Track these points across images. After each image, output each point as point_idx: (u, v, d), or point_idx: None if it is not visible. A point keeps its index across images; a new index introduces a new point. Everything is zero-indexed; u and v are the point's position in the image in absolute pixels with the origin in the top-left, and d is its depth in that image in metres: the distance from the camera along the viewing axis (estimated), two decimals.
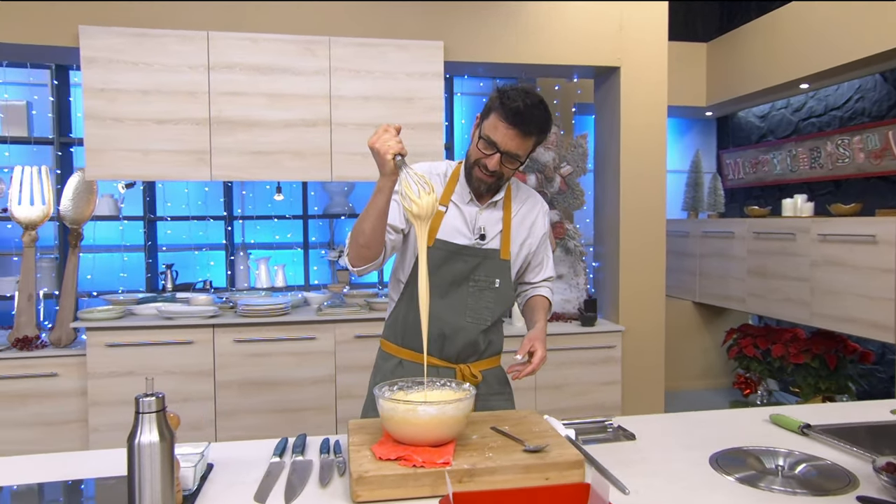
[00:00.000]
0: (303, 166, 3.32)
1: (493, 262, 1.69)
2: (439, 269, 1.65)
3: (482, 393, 1.71)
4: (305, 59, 3.29)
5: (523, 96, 1.54)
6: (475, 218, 1.69)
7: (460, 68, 3.78)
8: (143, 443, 1.02)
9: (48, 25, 3.13)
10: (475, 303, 1.68)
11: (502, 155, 1.57)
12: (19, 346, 3.15)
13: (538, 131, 1.57)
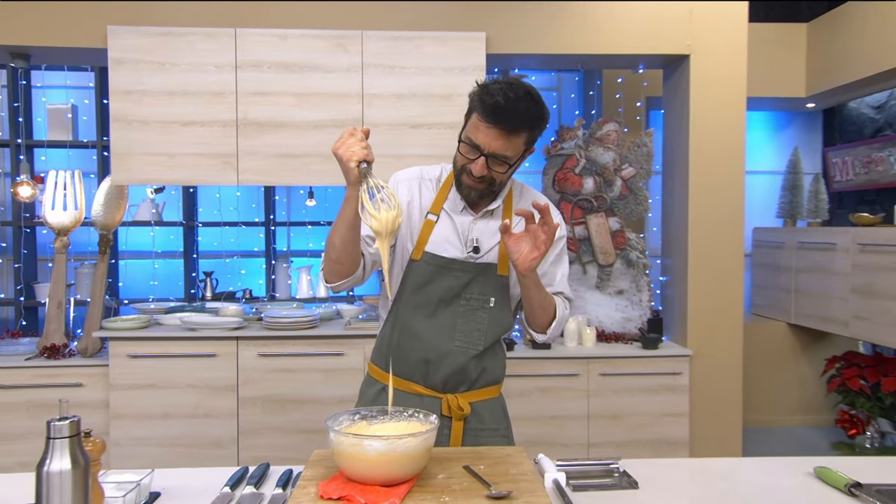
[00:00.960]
0: (333, 169, 3.34)
1: (489, 278, 1.62)
2: (427, 286, 1.60)
3: (472, 428, 1.64)
4: (336, 56, 3.33)
5: (505, 89, 1.47)
6: (468, 228, 1.63)
7: (507, 61, 3.71)
8: (52, 471, 1.03)
9: (79, 27, 3.33)
10: (465, 324, 1.61)
11: (487, 157, 1.50)
12: (47, 355, 3.35)
13: (527, 126, 1.49)
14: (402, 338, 1.64)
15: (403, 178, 1.69)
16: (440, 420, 1.59)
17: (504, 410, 1.75)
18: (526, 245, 1.48)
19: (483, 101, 1.48)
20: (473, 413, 1.64)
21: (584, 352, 3.54)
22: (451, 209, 1.64)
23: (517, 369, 3.46)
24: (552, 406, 3.48)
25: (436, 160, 3.35)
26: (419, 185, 1.67)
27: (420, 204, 1.65)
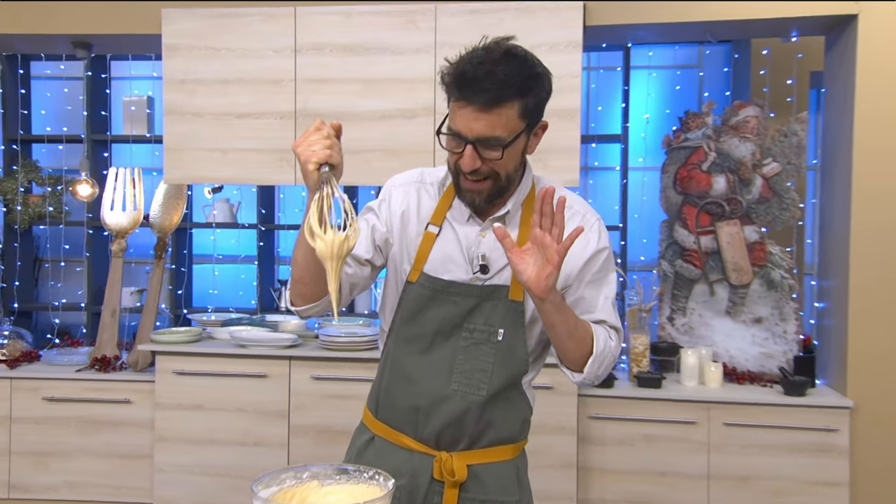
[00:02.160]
0: (397, 167, 3.16)
1: (498, 304, 1.42)
2: (422, 314, 1.44)
3: (471, 498, 1.44)
4: (406, 34, 3.20)
5: (473, 55, 1.31)
6: (475, 242, 1.44)
7: (612, 34, 3.41)
8: None
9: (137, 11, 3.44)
10: (466, 362, 1.42)
11: (474, 145, 1.31)
12: (98, 367, 3.48)
13: (514, 92, 1.29)
14: (391, 377, 1.48)
15: (399, 184, 1.53)
16: (432, 485, 1.43)
17: (520, 478, 1.52)
18: (533, 259, 1.26)
19: (449, 77, 1.32)
20: (473, 479, 1.44)
21: (705, 394, 3.17)
22: (456, 219, 1.46)
23: (618, 410, 3.17)
24: (661, 460, 3.14)
25: None
26: (417, 191, 1.51)
27: (418, 214, 1.49)
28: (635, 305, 3.43)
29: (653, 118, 3.86)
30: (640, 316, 3.42)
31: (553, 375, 3.08)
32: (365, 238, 1.46)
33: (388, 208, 1.50)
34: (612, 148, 3.98)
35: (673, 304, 3.52)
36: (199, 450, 3.29)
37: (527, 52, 1.34)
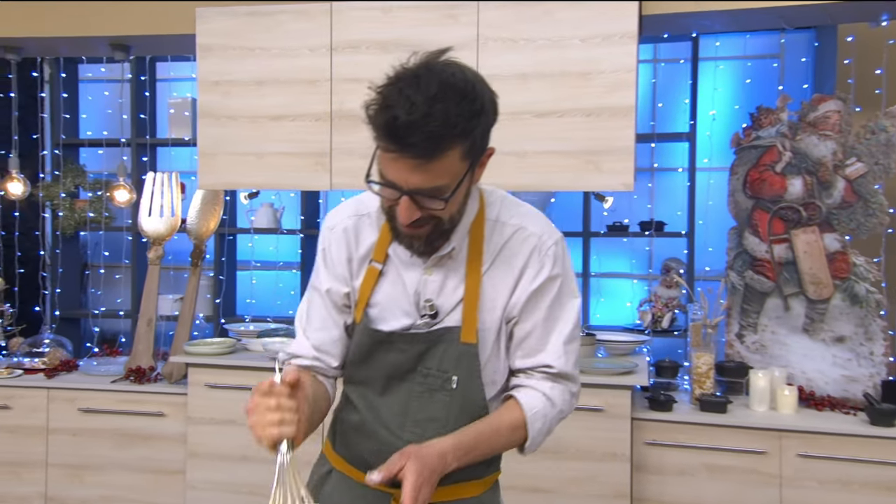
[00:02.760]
0: None
1: (449, 348, 1.37)
2: (370, 359, 1.42)
3: None
4: (446, 29, 3.17)
5: (405, 91, 1.17)
6: (420, 283, 1.39)
7: (672, 24, 3.29)
8: None
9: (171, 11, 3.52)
10: (419, 410, 1.39)
11: (410, 197, 1.23)
12: (133, 378, 3.57)
13: (456, 136, 1.18)
14: (346, 417, 1.47)
15: (338, 229, 1.47)
16: None
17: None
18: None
19: (375, 120, 1.20)
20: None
21: (777, 420, 3.02)
22: (398, 255, 1.42)
23: (677, 437, 3.04)
24: (726, 492, 3.01)
25: (568, 158, 3.08)
26: (355, 226, 1.46)
27: (358, 253, 1.45)
28: (699, 320, 3.29)
29: (720, 114, 3.71)
30: (705, 332, 3.28)
31: (603, 396, 3.00)
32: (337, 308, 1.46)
33: (333, 263, 1.46)
34: (676, 147, 3.84)
35: (742, 319, 3.36)
36: (232, 467, 3.33)
37: (465, 73, 1.22)
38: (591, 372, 3.06)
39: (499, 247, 1.38)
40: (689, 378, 3.29)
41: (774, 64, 3.62)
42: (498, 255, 1.38)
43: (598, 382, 3.01)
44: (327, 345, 1.46)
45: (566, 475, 3.04)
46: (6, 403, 3.63)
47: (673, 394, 3.22)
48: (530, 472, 3.05)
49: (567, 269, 1.42)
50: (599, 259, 3.97)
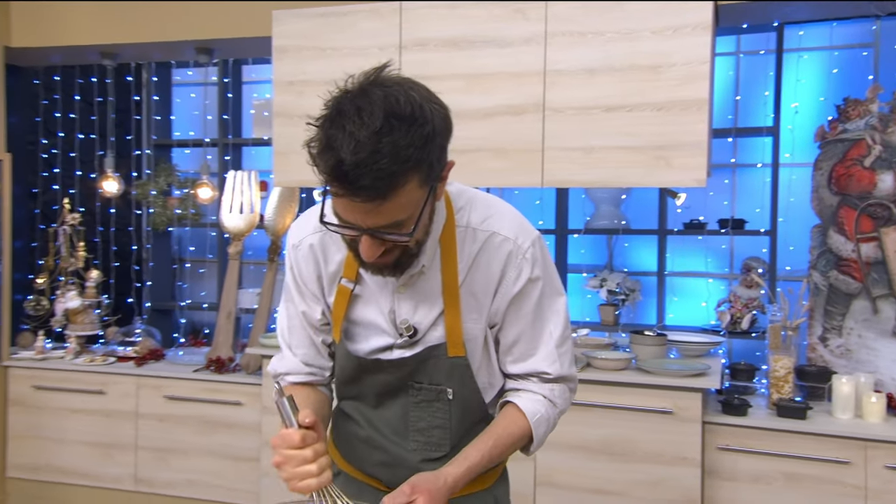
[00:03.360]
0: (506, 168, 3.14)
1: (439, 363, 1.32)
2: (358, 380, 1.38)
3: None
4: (514, 25, 3.11)
5: (345, 135, 1.04)
6: (394, 301, 1.33)
7: (750, 14, 3.13)
8: None
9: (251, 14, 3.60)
10: (420, 419, 1.35)
11: (371, 234, 1.13)
12: (213, 368, 3.67)
13: (409, 167, 1.07)
14: (346, 430, 1.44)
15: (303, 247, 1.38)
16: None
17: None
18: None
19: (319, 162, 1.08)
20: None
21: (862, 429, 2.83)
22: (369, 275, 1.32)
23: (752, 443, 2.91)
24: (805, 503, 2.83)
25: (637, 153, 2.97)
26: (321, 241, 1.37)
27: (328, 270, 1.37)
28: (778, 322, 3.12)
29: (804, 107, 3.49)
30: (785, 334, 3.11)
31: (673, 399, 2.89)
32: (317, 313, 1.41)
33: (303, 282, 1.39)
34: (755, 143, 3.65)
35: (826, 321, 3.17)
36: None
37: (410, 94, 1.09)
38: (660, 373, 2.95)
39: (473, 254, 1.31)
40: (767, 382, 3.13)
41: (864, 53, 3.39)
42: (473, 262, 1.31)
43: (668, 384, 2.90)
44: (315, 358, 1.42)
45: (634, 478, 2.94)
46: (101, 389, 3.82)
47: (749, 398, 3.06)
48: (597, 473, 2.97)
49: (548, 269, 1.35)
50: (675, 258, 3.82)
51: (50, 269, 4.15)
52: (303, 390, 1.40)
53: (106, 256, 4.45)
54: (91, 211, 4.41)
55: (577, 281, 3.94)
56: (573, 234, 3.87)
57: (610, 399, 2.97)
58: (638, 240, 3.87)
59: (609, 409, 2.97)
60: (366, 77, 1.12)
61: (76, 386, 3.86)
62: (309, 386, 1.43)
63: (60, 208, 4.16)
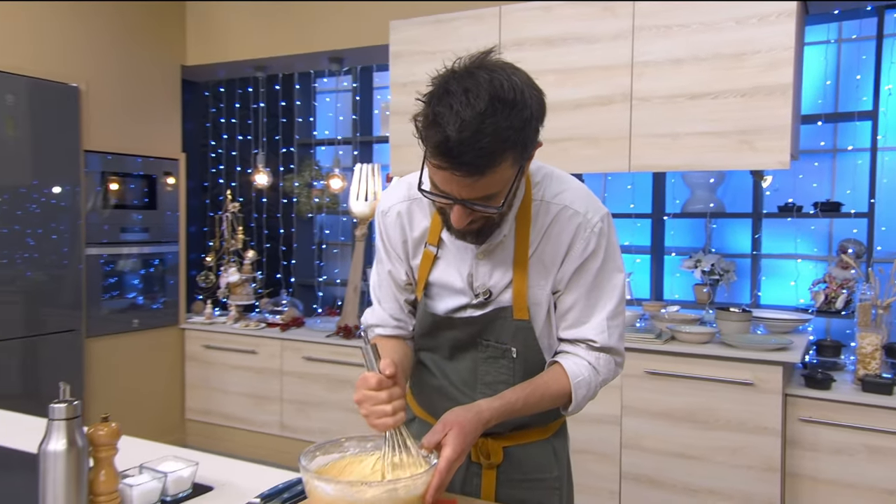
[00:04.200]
0: (595, 155, 3.12)
1: (505, 324, 1.32)
2: (435, 333, 1.40)
3: (509, 478, 1.39)
4: (603, 22, 3.08)
5: (456, 108, 1.04)
6: (473, 267, 1.33)
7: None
8: (48, 450, 1.19)
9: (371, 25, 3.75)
10: (487, 374, 1.36)
11: (464, 205, 1.14)
12: (342, 334, 3.89)
13: (507, 147, 1.07)
14: (423, 377, 1.46)
15: (391, 214, 1.40)
16: (471, 467, 1.40)
17: (557, 455, 1.44)
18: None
19: (426, 136, 1.09)
20: (510, 460, 1.39)
21: None
22: (451, 240, 1.33)
23: (835, 416, 2.75)
24: (890, 475, 2.66)
25: (721, 138, 2.87)
26: (409, 210, 1.38)
27: (414, 234, 1.39)
28: (868, 300, 2.92)
29: None
30: (875, 313, 2.91)
31: (754, 371, 2.78)
32: (402, 272, 1.43)
33: (392, 245, 1.41)
34: (848, 127, 3.40)
35: None
36: None
37: (513, 79, 1.08)
38: (742, 347, 2.85)
39: (545, 226, 1.29)
40: (854, 359, 2.94)
41: None
42: (545, 233, 1.29)
43: (749, 357, 2.80)
44: (399, 313, 1.45)
45: (715, 444, 2.86)
46: (253, 349, 4.14)
47: (835, 374, 2.90)
48: (679, 439, 2.92)
49: (612, 245, 1.32)
50: (770, 240, 3.64)
51: (216, 250, 4.53)
52: (390, 342, 1.44)
53: (259, 239, 4.80)
54: (248, 201, 4.77)
55: (673, 262, 3.84)
56: (668, 217, 3.77)
57: (692, 370, 2.90)
58: (733, 223, 3.72)
59: (691, 379, 2.90)
60: (472, 60, 1.12)
61: (235, 346, 4.21)
62: (396, 339, 1.46)
63: (224, 199, 4.53)
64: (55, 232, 3.73)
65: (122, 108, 4.09)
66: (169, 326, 4.39)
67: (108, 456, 1.27)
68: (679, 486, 2.93)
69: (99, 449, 1.25)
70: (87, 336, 3.90)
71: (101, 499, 1.25)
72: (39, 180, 3.63)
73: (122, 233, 4.12)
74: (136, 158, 4.18)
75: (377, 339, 1.46)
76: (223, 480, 1.48)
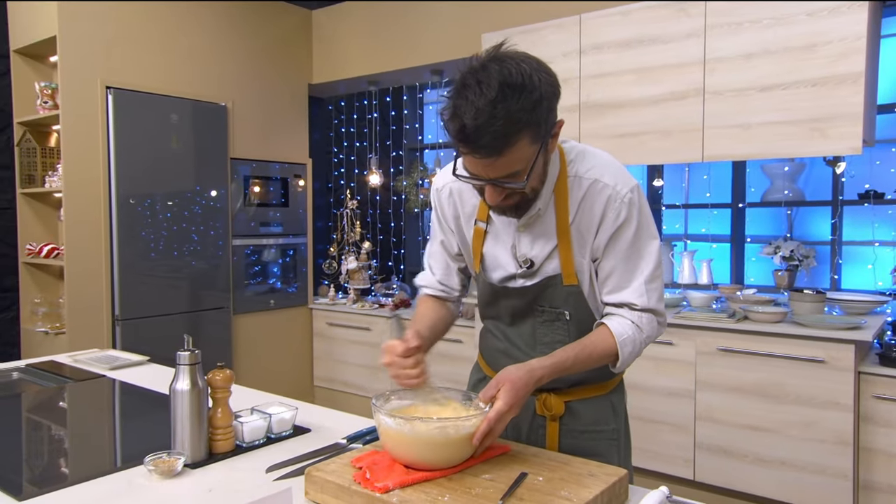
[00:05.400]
0: (670, 146, 3.00)
1: (556, 290, 1.32)
2: (494, 302, 1.41)
3: (570, 429, 1.38)
4: (678, 22, 2.95)
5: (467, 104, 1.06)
6: (515, 239, 1.33)
7: None
8: (176, 389, 1.31)
9: (462, 38, 3.78)
10: (545, 335, 1.36)
11: (493, 184, 1.15)
12: None
13: (520, 128, 1.08)
14: (489, 343, 1.47)
15: (445, 191, 1.42)
16: (536, 419, 1.40)
17: (615, 409, 1.41)
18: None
19: (448, 127, 1.11)
20: (570, 413, 1.38)
21: None
22: (496, 214, 1.33)
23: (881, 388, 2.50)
24: None
25: (792, 126, 2.68)
26: (459, 190, 1.40)
27: (465, 213, 1.40)
28: None
29: None
30: None
31: (826, 349, 2.60)
32: (451, 240, 1.46)
33: (445, 218, 1.44)
34: None
35: None
36: None
37: (522, 66, 1.08)
38: (813, 326, 2.66)
39: (579, 198, 1.28)
40: None
41: None
42: (580, 205, 1.28)
43: (820, 335, 2.61)
44: (448, 278, 1.49)
45: (787, 418, 2.69)
46: (368, 326, 4.29)
47: None
48: (748, 411, 2.77)
49: (643, 214, 1.28)
50: (850, 227, 3.36)
51: (338, 241, 4.72)
52: (433, 303, 1.49)
53: (374, 232, 4.96)
54: (364, 199, 4.94)
55: (752, 250, 3.63)
56: (749, 207, 3.56)
57: (764, 348, 2.74)
58: (813, 211, 3.47)
59: (762, 356, 2.74)
60: (487, 54, 1.12)
61: (353, 324, 4.38)
62: (439, 301, 1.50)
63: (344, 197, 4.72)
64: (213, 228, 4.03)
65: (261, 121, 4.35)
66: (299, 306, 4.63)
67: (223, 397, 1.37)
68: (751, 457, 2.77)
69: (216, 391, 1.36)
70: (234, 313, 4.19)
71: (218, 432, 1.36)
72: (200, 185, 3.94)
73: (262, 227, 4.38)
74: (273, 164, 4.44)
75: (424, 298, 1.51)
76: (318, 424, 1.56)
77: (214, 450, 1.35)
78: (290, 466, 1.30)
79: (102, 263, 3.54)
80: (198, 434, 1.32)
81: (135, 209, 3.63)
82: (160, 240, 3.75)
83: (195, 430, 1.31)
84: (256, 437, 1.42)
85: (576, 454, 1.28)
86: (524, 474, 1.12)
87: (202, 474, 1.28)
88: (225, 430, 1.37)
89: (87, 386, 1.95)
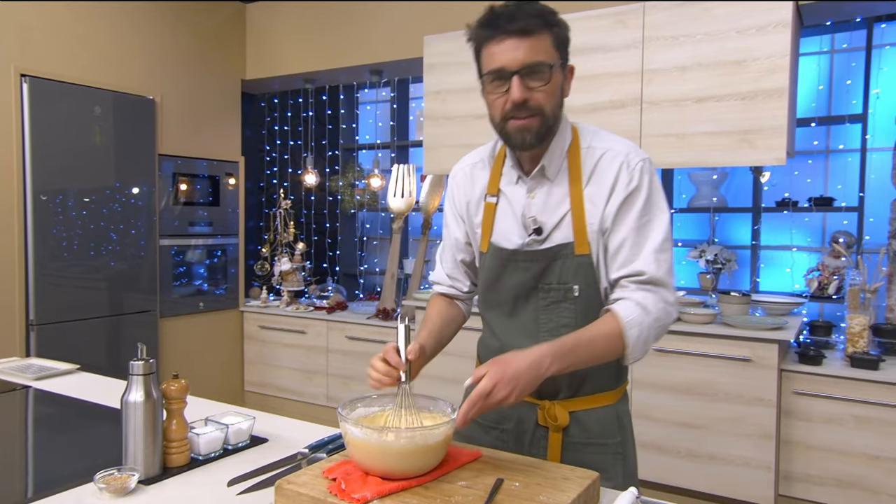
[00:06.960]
0: None
1: (566, 262, 1.29)
2: (499, 282, 1.37)
3: (574, 441, 1.34)
4: (616, 34, 3.04)
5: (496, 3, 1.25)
6: (525, 205, 1.33)
7: (835, 10, 2.84)
8: (129, 401, 1.23)
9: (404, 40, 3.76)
10: (549, 320, 1.32)
11: (519, 76, 1.21)
12: (381, 317, 3.92)
13: (543, 23, 1.21)
14: (487, 339, 1.44)
15: (458, 176, 1.47)
16: (538, 430, 1.36)
17: (621, 421, 1.37)
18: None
19: (482, 20, 1.25)
20: (576, 423, 1.34)
21: None
22: (507, 184, 1.36)
23: (826, 389, 2.70)
24: (875, 443, 2.61)
25: (724, 137, 2.82)
26: (471, 174, 1.43)
27: (475, 193, 1.41)
28: (857, 285, 2.86)
29: (885, 94, 3.14)
30: (863, 296, 2.84)
31: (752, 348, 2.74)
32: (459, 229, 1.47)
33: (455, 203, 1.46)
34: (840, 129, 3.32)
35: None
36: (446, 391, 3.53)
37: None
38: (741, 326, 2.81)
39: (591, 167, 1.29)
40: (843, 338, 2.88)
41: None
42: (592, 174, 1.29)
43: (747, 336, 2.76)
44: (457, 274, 1.48)
45: (717, 415, 2.83)
46: (303, 329, 4.19)
47: (826, 352, 2.84)
48: (684, 409, 2.89)
49: (654, 187, 1.28)
50: (768, 233, 3.58)
51: (271, 242, 4.59)
52: (443, 305, 1.46)
53: (308, 233, 4.85)
54: (298, 199, 4.82)
55: (680, 253, 3.79)
56: (675, 212, 3.72)
57: (695, 348, 2.87)
58: (735, 217, 3.66)
59: (694, 356, 2.87)
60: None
61: (286, 327, 4.26)
62: (449, 300, 1.48)
63: (278, 197, 4.59)
64: (134, 227, 3.82)
65: (191, 117, 4.17)
66: (230, 309, 4.46)
67: (178, 408, 1.30)
68: (683, 452, 2.90)
69: (171, 402, 1.29)
70: (160, 316, 3.99)
71: (173, 445, 1.28)
72: (121, 182, 3.72)
73: (189, 227, 4.19)
74: (202, 161, 4.26)
75: (435, 297, 1.50)
76: (276, 434, 1.51)
77: (169, 464, 1.28)
78: (253, 479, 1.25)
79: (15, 263, 3.29)
80: (152, 448, 1.24)
81: (47, 205, 3.38)
82: (74, 239, 3.52)
83: (149, 443, 1.24)
84: (213, 449, 1.35)
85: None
86: (500, 480, 1.12)
87: (158, 491, 1.20)
88: (180, 442, 1.29)
89: (11, 398, 1.80)
